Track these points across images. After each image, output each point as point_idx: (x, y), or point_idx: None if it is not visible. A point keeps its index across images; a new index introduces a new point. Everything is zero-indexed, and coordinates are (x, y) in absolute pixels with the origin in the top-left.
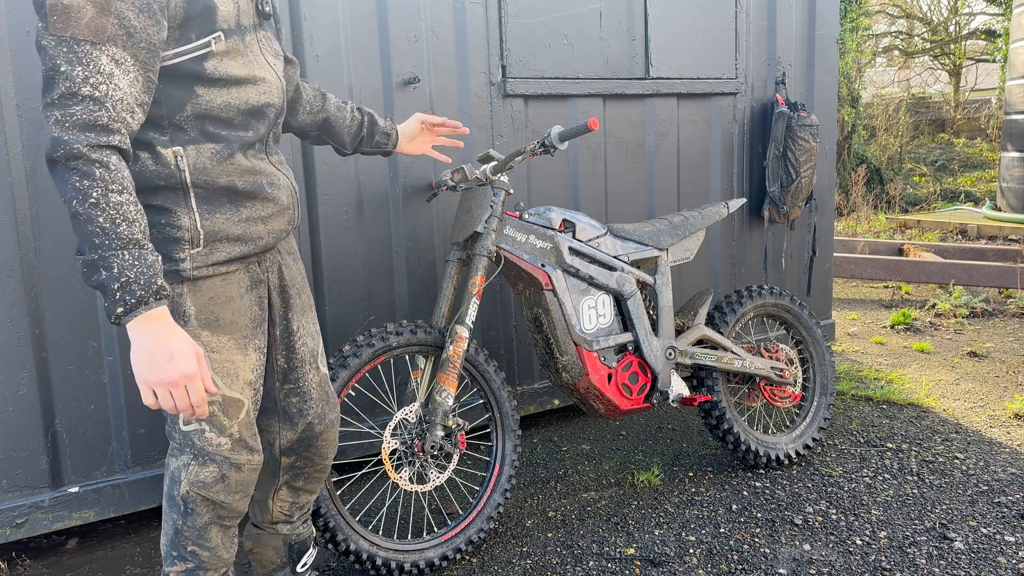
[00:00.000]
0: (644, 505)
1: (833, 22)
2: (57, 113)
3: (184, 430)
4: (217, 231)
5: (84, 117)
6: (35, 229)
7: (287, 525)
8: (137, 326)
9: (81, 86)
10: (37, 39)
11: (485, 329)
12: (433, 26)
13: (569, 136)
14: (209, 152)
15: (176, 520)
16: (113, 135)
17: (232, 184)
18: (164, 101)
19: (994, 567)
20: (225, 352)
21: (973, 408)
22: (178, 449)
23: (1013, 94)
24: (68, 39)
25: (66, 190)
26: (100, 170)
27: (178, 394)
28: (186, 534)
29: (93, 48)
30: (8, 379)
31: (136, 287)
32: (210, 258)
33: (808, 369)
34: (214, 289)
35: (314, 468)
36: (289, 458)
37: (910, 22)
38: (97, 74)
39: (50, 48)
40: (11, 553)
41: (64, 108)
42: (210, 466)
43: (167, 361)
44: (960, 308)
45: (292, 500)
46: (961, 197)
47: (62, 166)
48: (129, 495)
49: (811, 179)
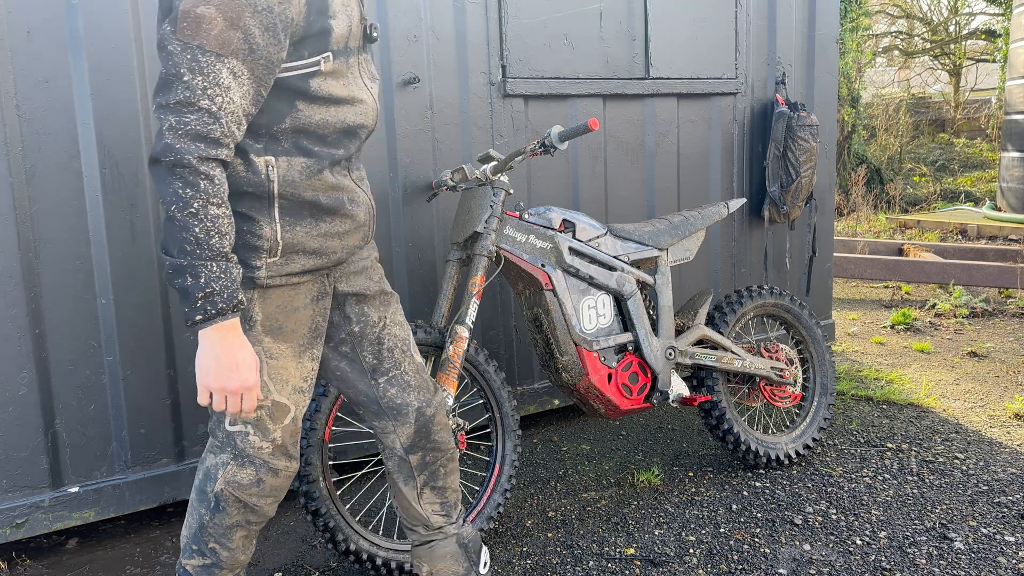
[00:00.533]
0: (644, 505)
1: (833, 22)
2: (172, 119)
3: (229, 430)
4: (296, 243)
5: (198, 128)
6: (35, 229)
7: (452, 524)
8: (210, 334)
9: (200, 97)
10: (162, 40)
11: (485, 329)
12: (433, 26)
13: (569, 136)
14: (300, 166)
15: (204, 515)
16: (221, 149)
17: (316, 199)
18: (266, 111)
19: (994, 567)
20: (281, 359)
21: (973, 408)
22: (219, 447)
23: (1013, 94)
24: (194, 47)
25: (167, 193)
26: (204, 182)
27: (233, 401)
28: (211, 530)
29: (216, 60)
30: (8, 379)
31: (219, 299)
32: (284, 268)
33: (808, 369)
34: (282, 298)
35: (444, 456)
36: (416, 455)
37: (910, 22)
38: (215, 86)
39: (176, 54)
40: (11, 553)
41: (179, 115)
42: (248, 468)
43: (232, 370)
44: (960, 308)
45: (441, 500)
46: (961, 197)
47: (167, 170)
48: (129, 495)
49: (811, 179)
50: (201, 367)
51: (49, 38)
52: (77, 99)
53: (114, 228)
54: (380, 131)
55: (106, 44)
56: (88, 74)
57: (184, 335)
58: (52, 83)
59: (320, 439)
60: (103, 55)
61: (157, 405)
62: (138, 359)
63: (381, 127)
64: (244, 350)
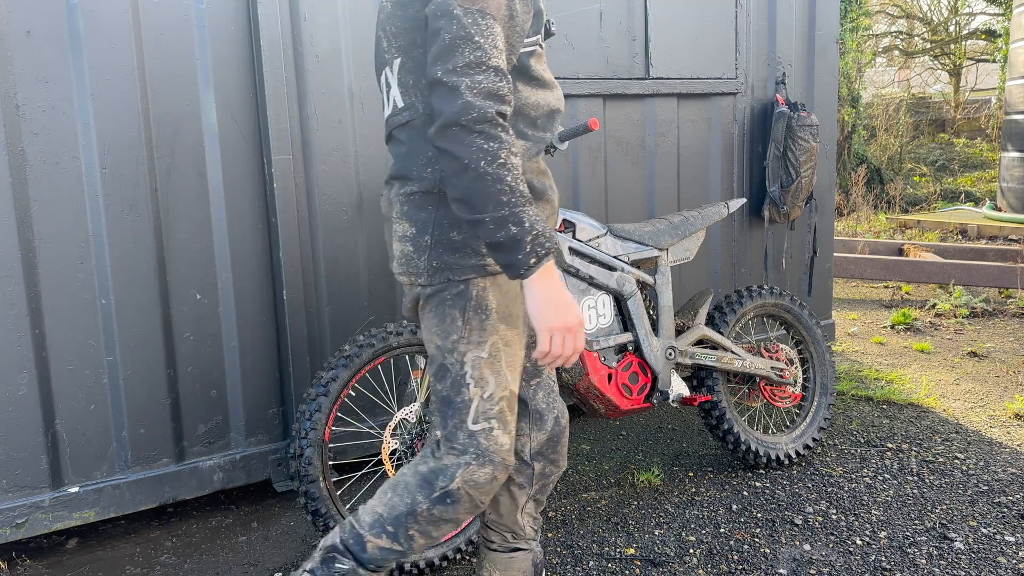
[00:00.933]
0: (644, 505)
1: (833, 22)
2: (466, 80)
3: (472, 429)
4: None
5: (489, 86)
6: (35, 229)
7: (535, 541)
8: (540, 277)
9: (489, 56)
10: (442, 8)
11: None
12: None
13: (569, 136)
14: (521, 148)
15: (420, 503)
16: (507, 106)
17: (531, 183)
18: None
19: (994, 567)
20: (514, 347)
21: (973, 408)
22: (459, 450)
23: (1013, 94)
24: (476, 12)
25: (469, 152)
26: (504, 134)
27: (570, 339)
28: (421, 520)
29: (494, 23)
30: (8, 379)
31: (544, 239)
32: None
33: (808, 369)
34: (508, 284)
35: (557, 472)
36: (539, 463)
37: (910, 22)
38: (496, 48)
39: (462, 17)
40: (11, 553)
41: (471, 76)
42: (487, 467)
43: (568, 306)
44: (960, 308)
45: (535, 515)
46: (961, 197)
47: (466, 130)
48: (129, 495)
49: (811, 179)
50: (540, 313)
51: (49, 38)
52: (77, 99)
53: (114, 228)
54: (380, 131)
55: (106, 44)
56: (88, 74)
57: (184, 335)
58: (52, 83)
59: (320, 439)
60: (103, 55)
61: (157, 405)
62: (138, 359)
63: (380, 127)
64: (566, 291)
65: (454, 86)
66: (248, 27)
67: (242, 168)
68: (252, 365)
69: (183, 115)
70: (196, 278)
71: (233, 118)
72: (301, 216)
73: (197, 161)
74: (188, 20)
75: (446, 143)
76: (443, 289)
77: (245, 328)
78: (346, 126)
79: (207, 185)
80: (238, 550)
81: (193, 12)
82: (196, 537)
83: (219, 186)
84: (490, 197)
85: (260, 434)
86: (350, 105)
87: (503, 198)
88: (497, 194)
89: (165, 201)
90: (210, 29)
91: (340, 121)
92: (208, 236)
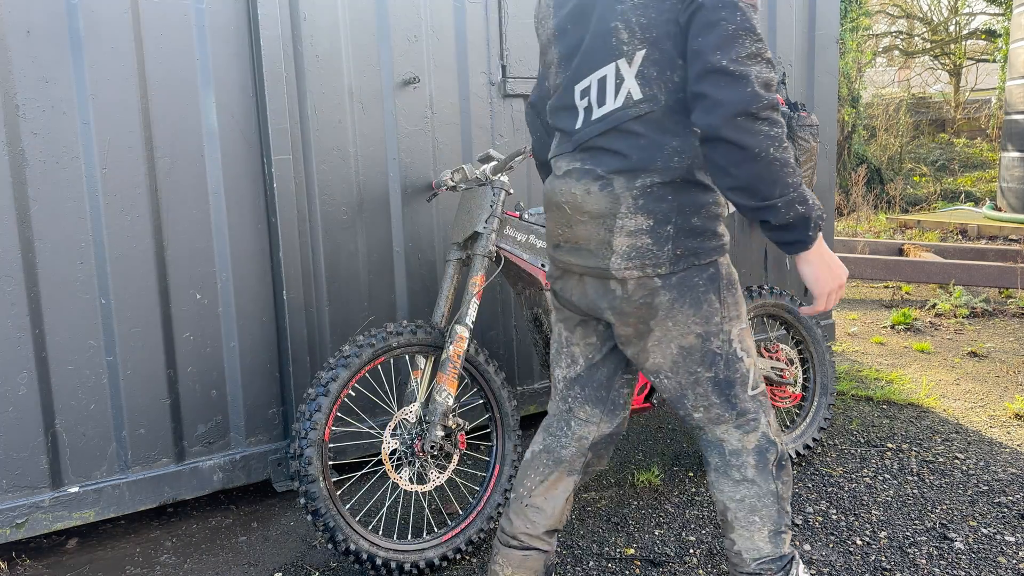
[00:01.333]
0: (644, 505)
1: (833, 22)
2: (753, 69)
3: (752, 394)
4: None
5: (767, 76)
6: (35, 229)
7: (552, 544)
8: (817, 246)
9: (764, 49)
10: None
11: (485, 329)
12: (433, 26)
13: None
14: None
15: (778, 489)
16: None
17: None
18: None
19: (994, 567)
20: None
21: (973, 408)
22: (752, 420)
23: (1013, 94)
24: (751, 6)
25: (757, 140)
26: (781, 119)
27: (839, 295)
28: (785, 496)
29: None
30: (8, 379)
31: (820, 211)
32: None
33: (808, 369)
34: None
35: (600, 467)
36: (592, 454)
37: (910, 22)
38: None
39: (745, 10)
40: (11, 553)
41: (756, 66)
42: (771, 415)
43: (837, 265)
44: (960, 308)
45: (568, 513)
46: (961, 197)
47: (753, 118)
48: (129, 495)
49: (811, 179)
50: (820, 279)
51: (49, 38)
52: (77, 99)
53: (114, 228)
54: (380, 131)
55: (106, 44)
56: (88, 74)
57: (184, 335)
58: (52, 83)
59: (320, 439)
60: (103, 55)
61: (157, 405)
62: (138, 359)
63: (380, 127)
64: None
65: (743, 75)
66: (248, 27)
67: (242, 168)
68: (252, 365)
69: (183, 115)
70: (196, 278)
71: (233, 118)
72: (301, 216)
73: (197, 161)
74: (188, 20)
75: (733, 132)
76: (688, 276)
77: (245, 328)
78: (346, 126)
79: (207, 185)
80: (238, 550)
81: (193, 12)
82: (196, 537)
83: (219, 186)
84: (779, 181)
85: (260, 434)
86: (350, 105)
87: (790, 180)
88: (785, 176)
89: (165, 201)
90: (210, 29)
91: (340, 121)
92: (208, 236)
